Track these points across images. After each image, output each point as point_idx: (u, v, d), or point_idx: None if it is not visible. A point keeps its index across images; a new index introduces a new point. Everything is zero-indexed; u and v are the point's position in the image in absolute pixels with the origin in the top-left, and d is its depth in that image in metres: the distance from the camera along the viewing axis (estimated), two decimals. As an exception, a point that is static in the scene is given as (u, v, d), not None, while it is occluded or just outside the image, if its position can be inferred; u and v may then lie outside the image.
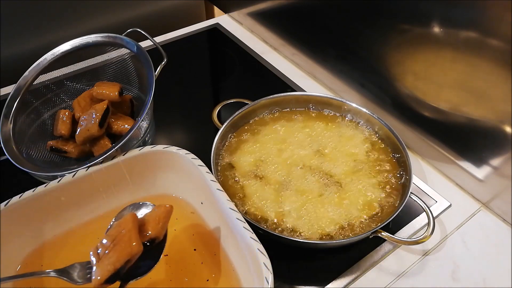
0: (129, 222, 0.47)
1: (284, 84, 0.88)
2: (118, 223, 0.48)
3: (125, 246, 0.45)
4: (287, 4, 0.88)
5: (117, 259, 0.44)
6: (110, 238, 0.46)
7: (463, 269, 0.59)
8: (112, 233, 0.47)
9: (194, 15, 1.16)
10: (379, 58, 0.73)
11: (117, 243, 0.45)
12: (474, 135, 0.63)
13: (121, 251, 0.45)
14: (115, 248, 0.45)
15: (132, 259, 0.45)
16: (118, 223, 0.48)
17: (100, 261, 0.45)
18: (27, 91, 0.70)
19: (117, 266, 0.44)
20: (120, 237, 0.45)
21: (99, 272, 0.44)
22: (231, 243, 0.53)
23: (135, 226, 0.47)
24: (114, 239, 0.46)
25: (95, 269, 0.44)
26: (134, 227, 0.47)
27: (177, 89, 0.87)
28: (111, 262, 0.44)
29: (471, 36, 0.57)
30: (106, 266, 0.44)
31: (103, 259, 0.45)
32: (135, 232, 0.46)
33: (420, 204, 0.60)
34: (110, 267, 0.44)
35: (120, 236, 0.45)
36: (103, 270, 0.44)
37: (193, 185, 0.58)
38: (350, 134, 0.71)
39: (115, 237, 0.46)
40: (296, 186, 0.63)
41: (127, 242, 0.45)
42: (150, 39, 0.73)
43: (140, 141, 0.68)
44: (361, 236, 0.56)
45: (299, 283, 0.57)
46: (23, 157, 0.63)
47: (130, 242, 0.45)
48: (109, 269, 0.44)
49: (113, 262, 0.44)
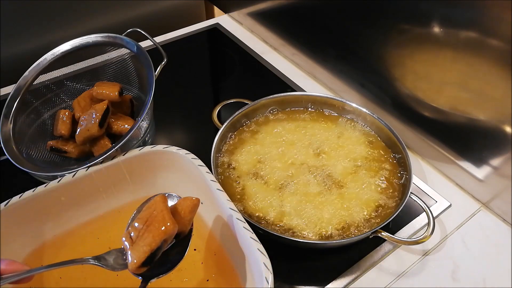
0: (160, 203, 0.45)
1: (284, 84, 0.88)
2: (148, 206, 0.46)
3: (159, 226, 0.43)
4: (287, 4, 0.88)
5: (153, 239, 0.42)
6: (141, 221, 0.44)
7: (463, 269, 0.59)
8: (143, 216, 0.45)
9: (194, 15, 1.16)
10: (379, 58, 0.73)
11: (150, 224, 0.43)
12: (474, 135, 0.63)
13: (155, 231, 0.43)
14: (149, 229, 0.43)
15: (168, 238, 0.44)
16: (148, 206, 0.46)
17: (135, 244, 0.43)
18: (27, 91, 0.70)
19: (153, 246, 0.42)
20: (153, 218, 0.44)
21: (135, 255, 0.42)
22: (231, 243, 0.53)
23: (166, 206, 0.45)
24: (146, 221, 0.44)
25: (130, 253, 0.43)
26: (166, 207, 0.45)
27: (177, 89, 0.87)
28: (147, 243, 0.42)
29: (471, 36, 0.57)
30: (142, 248, 0.42)
31: (137, 242, 0.43)
32: (168, 211, 0.45)
33: (420, 204, 0.60)
34: (146, 248, 0.42)
35: (152, 217, 0.44)
36: (139, 252, 0.42)
37: (193, 185, 0.58)
38: (350, 134, 0.71)
39: (147, 219, 0.44)
40: (296, 186, 0.63)
41: (160, 221, 0.43)
42: (150, 39, 0.73)
43: (140, 141, 0.68)
44: (361, 236, 0.56)
45: (299, 283, 0.57)
46: (23, 157, 0.63)
47: (164, 221, 0.43)
48: (146, 250, 0.42)
49: (149, 243, 0.42)
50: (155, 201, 0.46)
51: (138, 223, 0.44)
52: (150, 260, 0.43)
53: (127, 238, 0.44)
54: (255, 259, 0.46)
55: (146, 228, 0.44)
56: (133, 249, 0.43)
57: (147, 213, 0.45)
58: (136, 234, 0.44)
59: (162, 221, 0.43)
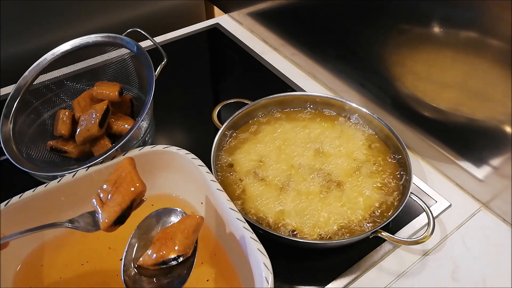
0: (127, 165, 0.46)
1: (284, 84, 0.88)
2: (115, 169, 0.47)
3: (128, 187, 0.44)
4: (287, 4, 0.88)
5: (122, 199, 0.44)
6: (110, 183, 0.45)
7: (463, 269, 0.59)
8: (111, 178, 0.46)
9: (194, 15, 1.16)
10: (379, 58, 0.73)
11: (120, 186, 0.45)
12: (474, 135, 0.63)
13: (124, 191, 0.44)
14: (118, 190, 0.44)
15: (137, 198, 0.45)
16: (115, 169, 0.47)
17: (105, 205, 0.44)
18: (27, 91, 0.70)
19: (123, 206, 0.44)
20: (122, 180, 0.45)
21: (106, 215, 0.44)
22: (231, 243, 0.53)
23: (134, 167, 0.46)
24: (115, 182, 0.45)
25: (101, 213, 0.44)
26: (133, 168, 0.46)
27: (177, 89, 0.87)
28: (117, 203, 0.44)
29: (471, 36, 0.57)
30: (112, 208, 0.44)
31: (107, 203, 0.44)
32: (136, 173, 0.46)
33: (420, 204, 0.60)
34: (116, 208, 0.44)
35: (121, 179, 0.45)
36: (110, 212, 0.44)
37: (193, 185, 0.58)
38: (350, 134, 0.71)
39: (115, 181, 0.45)
40: (296, 186, 0.63)
41: (129, 182, 0.44)
42: (150, 39, 0.73)
43: (140, 141, 0.68)
44: (361, 236, 0.56)
45: (299, 283, 0.57)
46: (23, 157, 0.63)
47: (133, 182, 0.45)
48: (116, 210, 0.43)
49: (119, 202, 0.44)
50: (122, 164, 0.47)
51: (106, 185, 0.45)
52: (121, 220, 0.44)
53: (97, 200, 0.45)
54: (255, 259, 0.46)
55: (116, 189, 0.45)
56: (104, 209, 0.44)
57: (115, 175, 0.46)
58: (105, 195, 0.45)
59: (130, 182, 0.45)
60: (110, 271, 0.53)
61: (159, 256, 0.44)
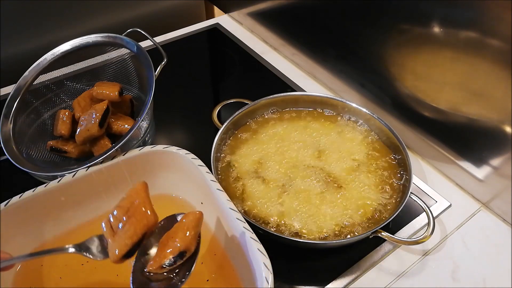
0: (141, 192, 0.44)
1: (284, 84, 0.88)
2: (129, 194, 0.45)
3: (141, 219, 0.42)
4: (287, 4, 0.88)
5: (134, 232, 0.42)
6: (122, 210, 0.43)
7: (463, 269, 0.59)
8: (124, 204, 0.44)
9: (194, 15, 1.16)
10: (379, 58, 0.73)
11: (132, 215, 0.42)
12: (474, 135, 0.63)
13: (137, 223, 0.42)
14: (131, 220, 0.42)
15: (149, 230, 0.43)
16: (129, 194, 0.45)
17: (116, 235, 0.42)
18: (27, 91, 0.70)
19: (134, 240, 0.42)
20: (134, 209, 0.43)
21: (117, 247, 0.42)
22: (231, 243, 0.53)
23: (147, 196, 0.44)
24: (127, 210, 0.43)
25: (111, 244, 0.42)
26: (147, 196, 0.44)
27: (177, 89, 0.87)
28: (128, 236, 0.42)
29: (471, 36, 0.57)
30: (123, 241, 0.42)
31: (119, 233, 0.42)
32: (149, 202, 0.44)
33: (420, 204, 0.60)
34: (128, 241, 0.42)
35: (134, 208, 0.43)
36: (121, 245, 0.42)
37: (193, 185, 0.58)
38: (350, 134, 0.71)
39: (128, 209, 0.43)
40: (296, 186, 0.63)
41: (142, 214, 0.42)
42: (150, 39, 0.73)
43: (140, 141, 0.68)
44: (361, 236, 0.56)
45: (299, 283, 0.57)
46: (23, 157, 0.63)
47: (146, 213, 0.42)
48: (127, 243, 0.42)
49: (130, 236, 0.42)
50: (136, 190, 0.45)
51: (119, 212, 0.43)
52: (131, 253, 0.42)
53: (107, 226, 0.43)
54: (255, 259, 0.46)
55: (128, 219, 0.43)
56: (115, 240, 0.42)
57: (128, 202, 0.44)
58: (117, 223, 0.43)
59: (144, 214, 0.43)
60: (110, 271, 0.53)
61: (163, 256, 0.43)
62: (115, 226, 0.43)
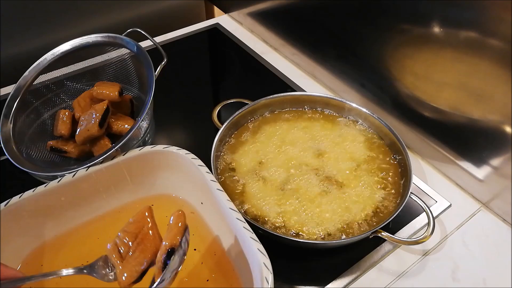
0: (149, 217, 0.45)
1: (284, 84, 0.88)
2: (136, 219, 0.45)
3: (150, 246, 0.43)
4: (287, 4, 0.88)
5: (144, 259, 0.43)
6: (131, 236, 0.44)
7: (463, 269, 0.59)
8: (131, 229, 0.44)
9: (194, 15, 1.16)
10: (379, 58, 0.73)
11: (141, 242, 0.43)
12: (474, 135, 0.63)
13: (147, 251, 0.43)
14: (140, 247, 0.43)
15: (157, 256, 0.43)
16: (136, 219, 0.45)
17: (126, 261, 0.43)
18: (27, 91, 0.70)
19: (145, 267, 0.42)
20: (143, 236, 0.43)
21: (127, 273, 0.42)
22: (231, 243, 0.53)
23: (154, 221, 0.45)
24: (136, 237, 0.44)
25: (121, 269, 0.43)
26: (154, 222, 0.45)
27: (177, 89, 0.87)
28: (138, 262, 0.42)
29: (471, 36, 0.57)
30: (134, 267, 0.42)
31: (128, 259, 0.43)
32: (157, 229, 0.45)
33: (420, 204, 0.60)
34: (138, 268, 0.42)
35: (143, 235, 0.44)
36: (131, 271, 0.42)
37: (193, 185, 0.58)
38: (350, 134, 0.71)
39: (136, 235, 0.44)
40: (296, 186, 0.63)
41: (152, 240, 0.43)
42: (150, 39, 0.73)
43: (140, 141, 0.68)
44: (361, 236, 0.56)
45: (299, 283, 0.57)
46: (23, 157, 0.63)
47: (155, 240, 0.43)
48: (138, 270, 0.42)
49: (140, 262, 0.42)
50: (143, 215, 0.45)
51: (127, 237, 0.44)
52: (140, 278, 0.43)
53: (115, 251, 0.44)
54: (255, 259, 0.46)
55: (137, 246, 0.43)
56: (125, 266, 0.43)
57: (136, 227, 0.45)
58: (125, 249, 0.43)
59: (153, 240, 0.44)
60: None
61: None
62: (124, 252, 0.43)
